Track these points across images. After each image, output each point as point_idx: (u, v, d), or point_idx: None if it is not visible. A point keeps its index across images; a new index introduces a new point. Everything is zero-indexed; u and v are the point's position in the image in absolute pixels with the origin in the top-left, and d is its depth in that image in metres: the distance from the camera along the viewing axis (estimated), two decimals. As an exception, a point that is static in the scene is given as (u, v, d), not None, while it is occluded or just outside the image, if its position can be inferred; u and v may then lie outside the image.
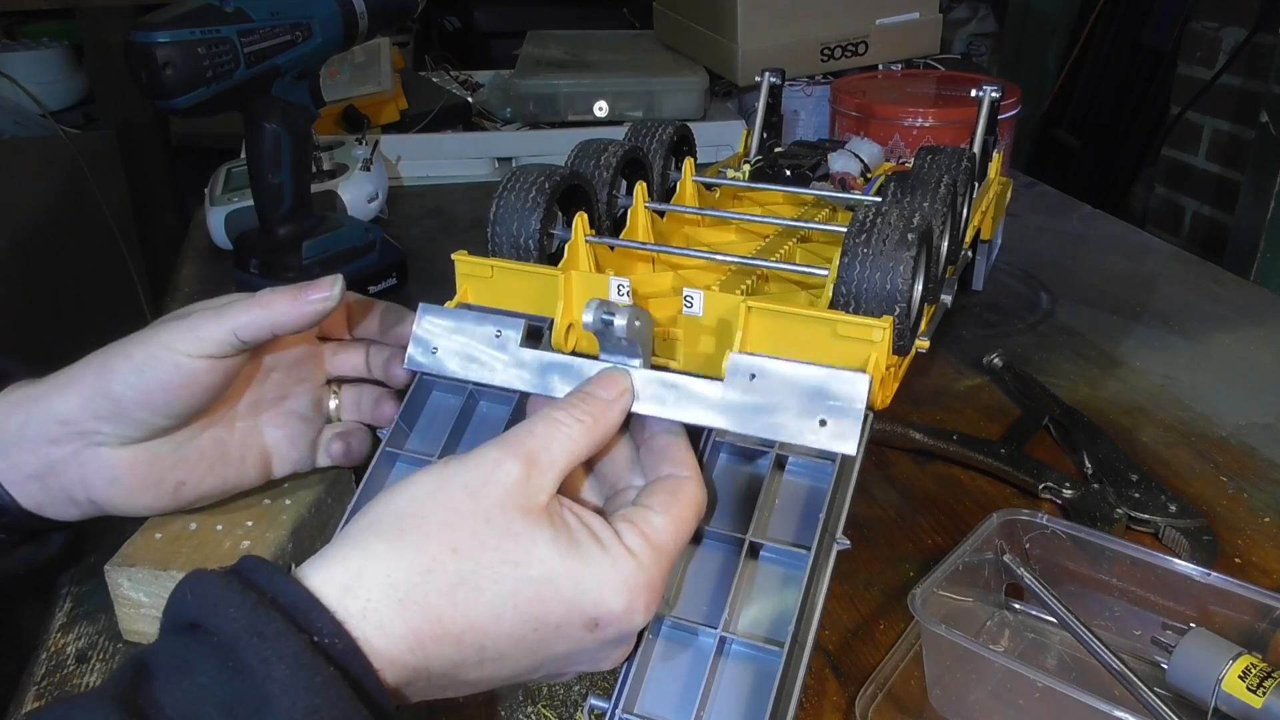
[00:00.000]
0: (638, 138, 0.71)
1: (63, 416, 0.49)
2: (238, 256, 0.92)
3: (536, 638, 0.38)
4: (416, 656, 0.36)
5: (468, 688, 0.40)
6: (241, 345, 0.49)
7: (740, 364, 0.46)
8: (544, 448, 0.41)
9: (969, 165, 0.67)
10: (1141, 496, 0.65)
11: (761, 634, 0.43)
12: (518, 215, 0.56)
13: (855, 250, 0.49)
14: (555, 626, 0.38)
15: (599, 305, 0.45)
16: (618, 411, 0.45)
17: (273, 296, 0.49)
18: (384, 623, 0.35)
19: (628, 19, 2.05)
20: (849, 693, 0.52)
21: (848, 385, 0.44)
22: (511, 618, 0.37)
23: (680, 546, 0.42)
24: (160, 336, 0.49)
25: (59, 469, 0.50)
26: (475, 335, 0.50)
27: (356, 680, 0.34)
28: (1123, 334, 0.90)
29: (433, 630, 0.36)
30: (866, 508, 0.66)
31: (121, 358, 0.49)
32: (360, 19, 0.87)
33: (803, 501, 0.46)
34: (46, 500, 0.51)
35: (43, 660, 0.54)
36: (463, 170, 1.32)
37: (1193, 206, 2.27)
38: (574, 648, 0.39)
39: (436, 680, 0.38)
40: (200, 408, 0.51)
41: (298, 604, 0.34)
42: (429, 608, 0.36)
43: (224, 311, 0.49)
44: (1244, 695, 0.46)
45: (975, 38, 2.82)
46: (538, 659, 0.39)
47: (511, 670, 0.39)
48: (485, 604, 0.37)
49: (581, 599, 0.38)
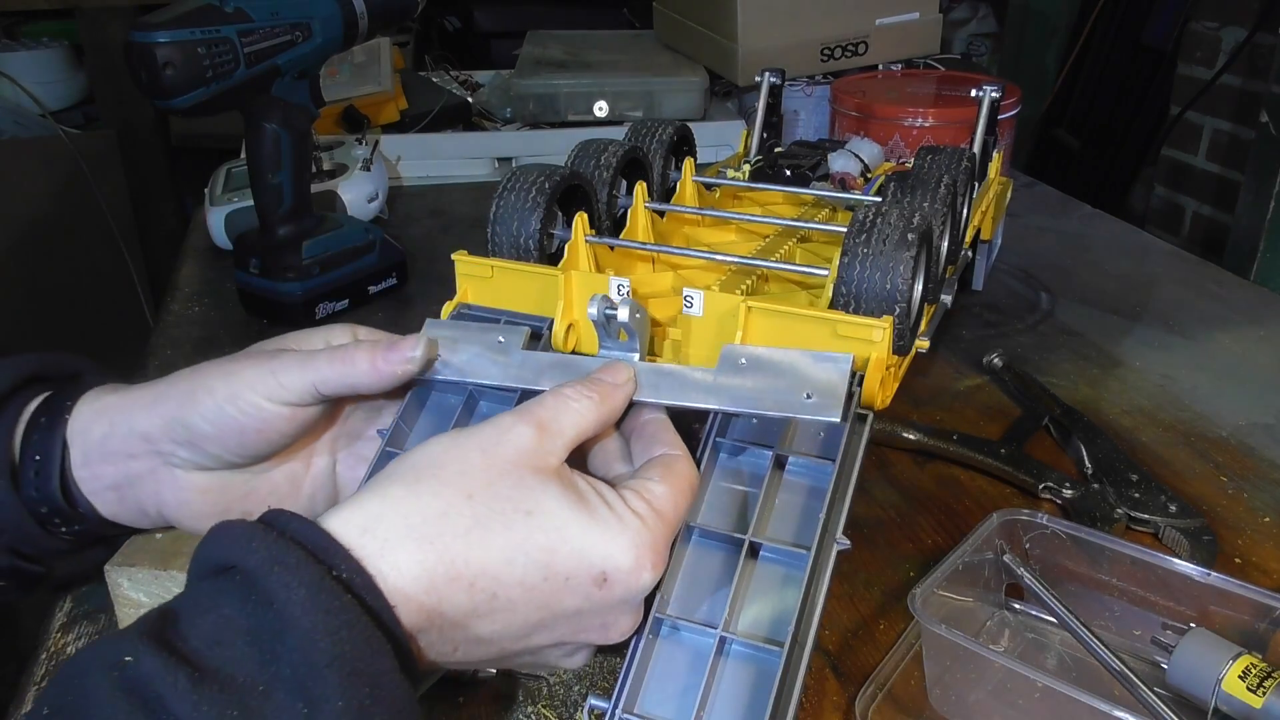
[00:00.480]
0: (638, 138, 0.71)
1: (145, 433, 0.49)
2: (238, 256, 0.92)
3: (547, 588, 0.39)
4: (431, 598, 0.37)
5: (479, 647, 0.40)
6: (321, 398, 0.49)
7: (732, 352, 0.47)
8: (554, 417, 0.43)
9: (969, 165, 0.67)
10: (1141, 496, 0.65)
11: (761, 634, 0.43)
12: (518, 215, 0.56)
13: (855, 250, 0.49)
14: (565, 578, 0.39)
15: (602, 299, 0.47)
16: (622, 396, 0.46)
17: (355, 354, 0.48)
18: (400, 562, 0.37)
19: (628, 19, 2.05)
20: (849, 693, 0.52)
21: (831, 364, 0.46)
22: (523, 564, 0.38)
23: (679, 517, 0.43)
24: (244, 375, 0.48)
25: (135, 483, 0.50)
26: (479, 343, 0.50)
27: (374, 613, 0.35)
28: (1123, 334, 0.90)
29: (447, 571, 0.37)
30: (866, 508, 0.66)
31: (205, 390, 0.48)
32: (360, 19, 0.87)
33: (802, 501, 0.47)
34: (122, 510, 0.51)
35: (43, 660, 0.54)
36: (463, 170, 1.32)
37: (1193, 206, 2.27)
38: (583, 605, 0.40)
39: (449, 632, 0.38)
40: (274, 451, 0.50)
41: (317, 542, 0.36)
42: (444, 549, 0.37)
43: (309, 362, 0.48)
44: (1244, 695, 0.46)
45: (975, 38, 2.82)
46: (548, 614, 0.40)
47: (522, 623, 0.40)
48: (498, 549, 0.38)
49: (590, 552, 0.39)
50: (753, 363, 0.47)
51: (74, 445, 0.49)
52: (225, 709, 0.31)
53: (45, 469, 0.49)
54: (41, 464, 0.49)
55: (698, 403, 0.47)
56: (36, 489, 0.49)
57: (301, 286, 0.89)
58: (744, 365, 0.47)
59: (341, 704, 0.32)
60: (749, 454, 0.48)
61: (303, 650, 0.33)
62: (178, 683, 0.31)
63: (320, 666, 0.33)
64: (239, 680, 0.32)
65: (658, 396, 0.47)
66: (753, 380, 0.46)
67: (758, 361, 0.47)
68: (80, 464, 0.49)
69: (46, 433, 0.49)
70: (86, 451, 0.49)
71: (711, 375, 0.47)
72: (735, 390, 0.46)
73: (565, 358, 0.49)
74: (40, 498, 0.49)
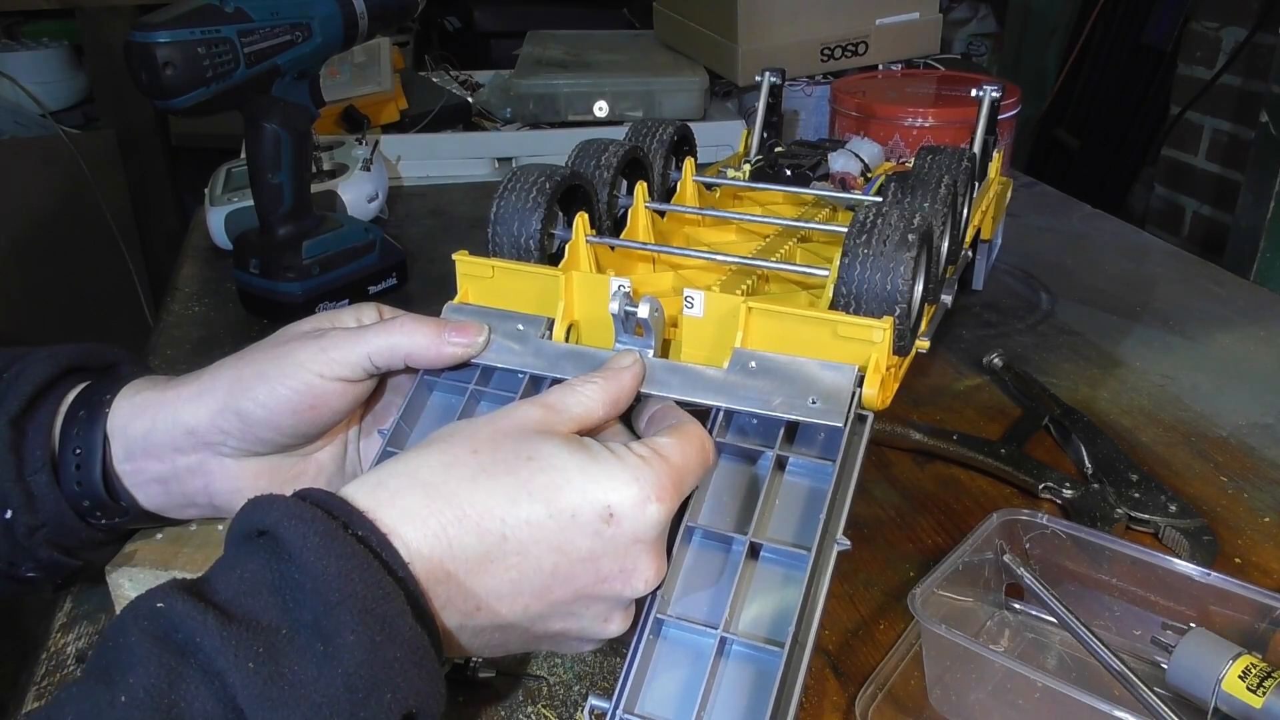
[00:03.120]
0: (638, 138, 0.71)
1: (190, 427, 0.49)
2: (238, 256, 0.92)
3: (554, 526, 0.40)
4: (441, 544, 0.38)
5: (503, 605, 0.40)
6: (374, 370, 0.49)
7: (742, 354, 0.49)
8: (560, 400, 0.45)
9: (969, 165, 0.67)
10: (1141, 496, 0.65)
11: (762, 634, 0.43)
12: (518, 215, 0.56)
13: (856, 251, 0.49)
14: (571, 515, 0.40)
15: (624, 295, 0.49)
16: (630, 378, 0.47)
17: (415, 326, 0.49)
18: (410, 508, 0.38)
19: (628, 19, 2.05)
20: (849, 693, 0.52)
21: (837, 373, 0.47)
22: (528, 503, 0.40)
23: (689, 467, 0.43)
24: (295, 355, 0.48)
25: (183, 477, 0.50)
26: (499, 330, 0.52)
27: (386, 564, 0.37)
28: (1123, 334, 0.90)
29: (454, 514, 0.39)
30: (866, 508, 0.66)
31: (254, 374, 0.48)
32: (360, 19, 0.87)
33: (803, 502, 0.47)
34: (167, 503, 0.51)
35: (43, 660, 0.54)
36: (463, 170, 1.32)
37: (1193, 206, 2.27)
38: (595, 545, 0.40)
39: (468, 583, 0.39)
40: (325, 429, 0.51)
41: (333, 504, 0.38)
42: (450, 494, 0.39)
43: (360, 335, 0.49)
44: (1244, 695, 0.46)
45: (975, 38, 2.82)
46: (562, 559, 0.40)
47: (537, 571, 0.40)
48: (502, 489, 0.40)
49: (593, 487, 0.40)
50: (762, 365, 0.48)
51: (115, 440, 0.49)
52: (252, 645, 0.33)
53: (87, 463, 0.49)
54: (83, 457, 0.49)
55: (706, 399, 0.48)
56: (78, 483, 0.49)
57: (301, 286, 0.89)
58: (754, 368, 0.48)
59: (353, 639, 0.34)
60: (749, 455, 0.48)
61: (318, 593, 0.35)
62: (206, 623, 0.33)
63: (333, 605, 0.34)
64: (264, 624, 0.34)
65: (668, 391, 0.48)
66: (761, 382, 0.48)
67: (767, 365, 0.48)
68: (122, 458, 0.50)
69: (86, 426, 0.49)
70: (128, 447, 0.50)
71: (722, 374, 0.48)
72: (743, 390, 0.48)
73: (580, 349, 0.51)
74: (82, 491, 0.49)
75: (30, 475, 0.48)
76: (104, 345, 0.54)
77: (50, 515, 0.48)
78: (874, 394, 0.47)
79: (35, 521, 0.48)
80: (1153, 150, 2.41)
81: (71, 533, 0.49)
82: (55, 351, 0.51)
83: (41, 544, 0.49)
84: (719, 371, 0.48)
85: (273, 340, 0.50)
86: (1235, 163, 2.09)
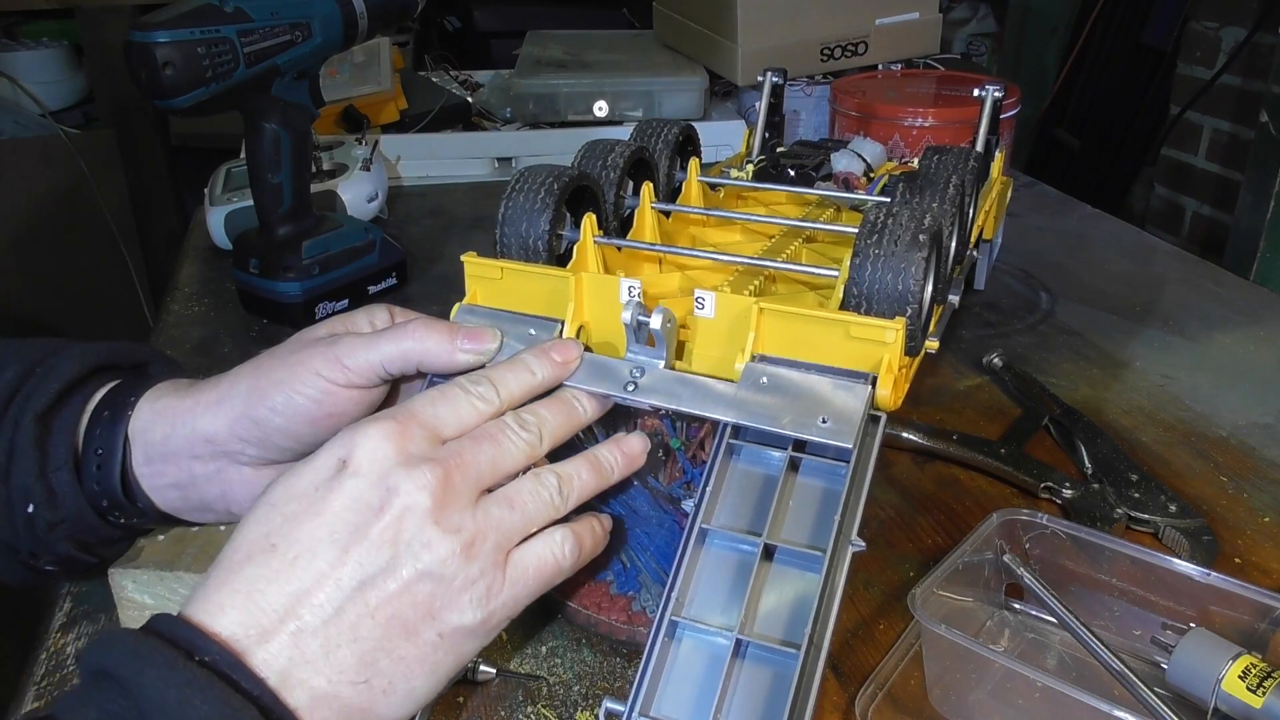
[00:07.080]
0: (644, 137, 0.71)
1: (209, 435, 0.49)
2: (237, 256, 0.92)
3: (298, 496, 0.41)
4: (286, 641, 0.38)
5: (332, 629, 0.39)
6: (388, 377, 0.49)
7: (754, 370, 0.48)
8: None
9: (976, 165, 0.67)
10: (1141, 496, 0.65)
11: (778, 636, 0.43)
12: (526, 216, 0.56)
13: (867, 251, 0.49)
14: (309, 480, 0.41)
15: (638, 305, 0.48)
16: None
17: (427, 333, 0.49)
18: (246, 617, 0.38)
19: (628, 19, 2.05)
20: (849, 693, 0.52)
21: (849, 391, 0.47)
22: (278, 492, 0.41)
23: (439, 419, 0.43)
24: (310, 362, 0.48)
25: (200, 483, 0.50)
26: (512, 334, 0.51)
27: (237, 685, 0.36)
28: (1123, 334, 0.90)
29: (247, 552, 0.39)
30: (866, 508, 0.66)
31: (271, 384, 0.48)
32: (360, 19, 0.87)
33: (817, 504, 0.47)
34: (184, 507, 0.52)
35: (42, 660, 0.54)
36: (463, 170, 1.32)
37: (1193, 206, 2.27)
38: (346, 502, 0.40)
39: (284, 622, 0.38)
40: None
41: (178, 632, 0.37)
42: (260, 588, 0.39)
43: (373, 342, 0.48)
44: (1244, 695, 0.46)
45: (975, 38, 2.82)
46: (325, 531, 0.39)
47: (316, 557, 0.39)
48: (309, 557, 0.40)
49: (328, 449, 0.42)
50: (774, 382, 0.47)
51: (135, 443, 0.50)
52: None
53: (107, 464, 0.49)
54: (104, 458, 0.49)
55: (714, 414, 0.47)
56: (98, 482, 0.49)
57: (301, 286, 0.89)
58: (765, 384, 0.48)
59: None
60: (763, 456, 0.48)
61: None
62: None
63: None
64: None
65: (677, 404, 0.48)
66: (772, 398, 0.47)
67: (779, 381, 0.47)
68: (141, 462, 0.50)
69: (109, 426, 0.50)
70: (147, 451, 0.50)
71: (733, 389, 0.48)
72: (753, 406, 0.47)
73: (591, 356, 0.50)
74: (101, 491, 0.49)
75: (53, 472, 0.48)
76: (135, 344, 0.54)
77: (70, 512, 0.49)
78: (886, 394, 0.47)
79: (55, 517, 0.49)
80: (1153, 150, 2.41)
81: (90, 530, 0.50)
82: (86, 349, 0.51)
83: (60, 539, 0.49)
84: (730, 386, 0.48)
85: (288, 347, 0.50)
86: (1235, 163, 2.09)
